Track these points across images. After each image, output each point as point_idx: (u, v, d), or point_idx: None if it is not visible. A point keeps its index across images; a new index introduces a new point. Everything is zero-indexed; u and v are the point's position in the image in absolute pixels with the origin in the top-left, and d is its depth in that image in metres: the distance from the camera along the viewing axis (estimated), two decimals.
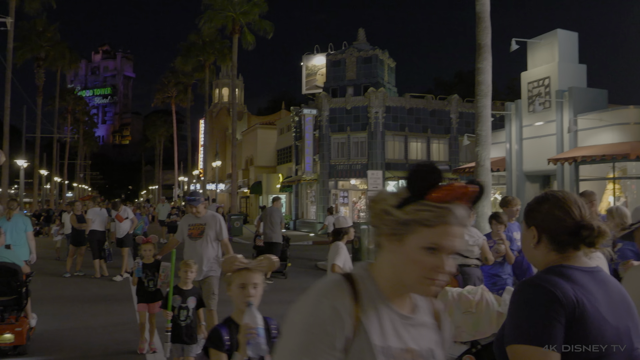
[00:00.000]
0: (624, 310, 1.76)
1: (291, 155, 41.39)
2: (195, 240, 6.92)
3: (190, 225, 7.01)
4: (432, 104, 32.43)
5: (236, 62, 34.37)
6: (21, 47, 41.53)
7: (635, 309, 1.81)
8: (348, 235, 6.51)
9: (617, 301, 1.77)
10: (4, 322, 6.64)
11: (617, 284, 1.84)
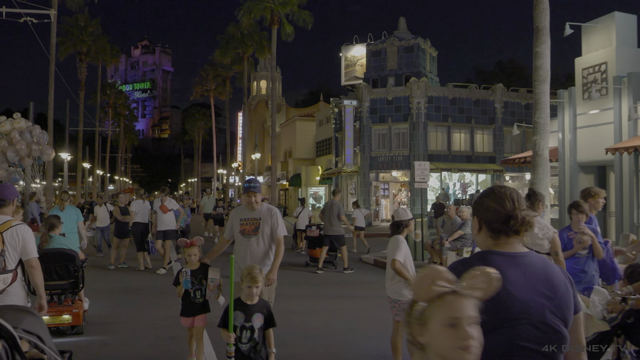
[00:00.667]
0: (542, 289, 2.05)
1: (331, 147, 41.00)
2: (249, 238, 5.80)
3: (243, 219, 5.87)
4: (476, 93, 31.55)
5: (275, 53, 34.05)
6: (64, 43, 42.15)
7: (561, 290, 2.09)
8: (408, 228, 6.07)
9: (535, 282, 2.05)
10: (62, 305, 7.28)
11: (543, 268, 2.11)
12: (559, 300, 2.09)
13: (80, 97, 43.11)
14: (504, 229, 2.13)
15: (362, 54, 40.54)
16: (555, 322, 2.05)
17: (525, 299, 2.01)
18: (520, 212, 2.13)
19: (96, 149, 53.94)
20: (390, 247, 5.90)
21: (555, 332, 2.05)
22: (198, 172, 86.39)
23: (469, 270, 1.69)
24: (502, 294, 1.92)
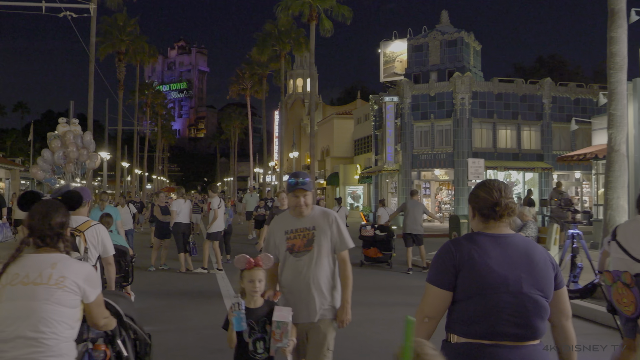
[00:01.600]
0: (520, 265, 2.47)
1: (370, 146, 40.19)
2: (300, 257, 4.00)
3: (290, 231, 4.08)
4: (522, 88, 30.31)
5: (314, 49, 33.40)
6: (103, 42, 42.31)
7: (540, 267, 2.49)
8: None
9: (514, 258, 2.49)
10: None
11: (524, 248, 2.52)
12: (538, 275, 2.47)
13: (119, 97, 43.26)
14: (491, 214, 2.56)
15: (402, 49, 39.57)
16: (532, 292, 2.43)
17: (503, 272, 2.42)
18: (505, 200, 2.55)
19: (134, 148, 54.20)
20: None
21: (532, 300, 2.43)
22: (234, 171, 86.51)
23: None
24: (482, 267, 2.44)
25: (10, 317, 2.50)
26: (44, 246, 2.73)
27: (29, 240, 2.75)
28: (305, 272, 3.96)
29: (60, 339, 2.51)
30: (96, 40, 40.25)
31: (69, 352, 2.56)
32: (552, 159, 30.13)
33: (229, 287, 10.95)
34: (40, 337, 2.47)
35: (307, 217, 4.05)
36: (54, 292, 2.58)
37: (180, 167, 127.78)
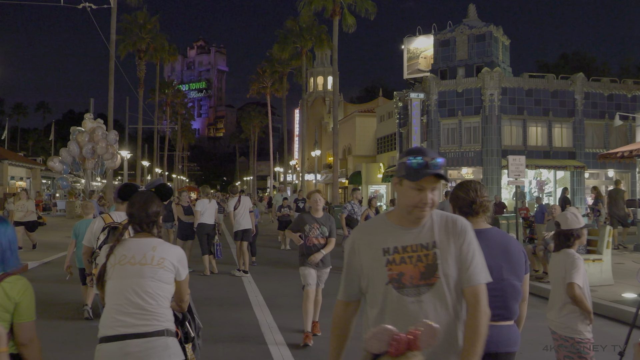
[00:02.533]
0: (499, 255, 2.87)
1: (393, 144, 39.35)
2: (419, 297, 2.35)
3: (394, 250, 2.41)
4: (554, 84, 29.24)
5: (337, 45, 32.69)
6: (123, 40, 42.07)
7: (515, 256, 2.94)
8: (580, 239, 4.51)
9: (494, 250, 2.87)
10: None
11: (501, 240, 2.97)
12: (514, 263, 2.95)
13: (140, 95, 42.96)
14: (469, 211, 2.98)
15: (426, 45, 38.67)
16: (511, 279, 2.93)
17: (487, 263, 2.54)
18: (480, 199, 2.99)
19: (155, 147, 54.00)
20: (561, 265, 4.35)
21: (511, 285, 2.93)
22: (254, 171, 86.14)
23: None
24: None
25: (122, 292, 2.98)
26: (141, 232, 3.18)
27: (129, 226, 3.23)
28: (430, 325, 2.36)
29: (163, 308, 3.03)
30: (116, 38, 39.98)
31: (170, 317, 3.09)
32: (585, 157, 29.05)
33: (258, 293, 10.25)
34: (148, 307, 2.96)
35: (425, 227, 2.43)
36: (157, 271, 3.06)
37: (200, 167, 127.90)
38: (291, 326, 7.81)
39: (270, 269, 13.48)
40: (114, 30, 30.12)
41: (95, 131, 13.10)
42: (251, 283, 11.30)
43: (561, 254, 4.42)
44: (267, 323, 8.00)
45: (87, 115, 13.55)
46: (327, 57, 62.47)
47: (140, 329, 2.95)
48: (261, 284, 11.17)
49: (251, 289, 10.68)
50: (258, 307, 9.02)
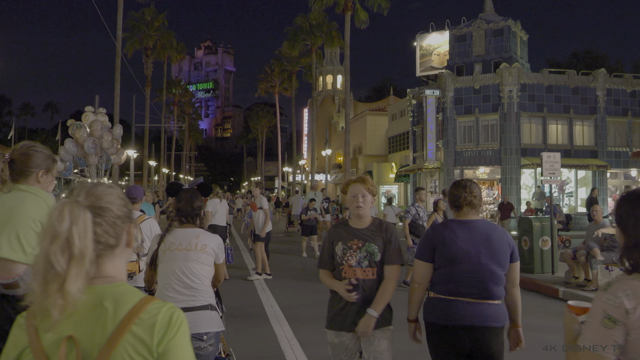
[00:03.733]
0: (480, 242, 3.28)
1: (406, 142, 38.39)
2: None
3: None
4: (575, 80, 28.16)
5: (349, 42, 31.77)
6: (130, 38, 41.27)
7: (497, 245, 3.31)
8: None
9: (476, 238, 3.30)
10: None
11: (485, 230, 3.35)
12: (494, 250, 3.29)
13: (147, 93, 42.13)
14: (458, 206, 3.43)
15: (439, 42, 37.70)
16: (489, 264, 3.27)
17: (466, 248, 3.28)
18: (467, 195, 3.39)
19: (162, 146, 53.17)
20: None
21: (488, 270, 3.27)
22: (261, 171, 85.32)
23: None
24: (452, 245, 3.32)
25: (172, 273, 3.51)
26: (186, 222, 3.71)
27: (177, 217, 3.73)
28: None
29: (206, 286, 3.56)
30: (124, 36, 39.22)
31: (212, 294, 3.62)
32: (607, 155, 27.97)
33: (273, 303, 9.34)
34: (194, 285, 3.50)
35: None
36: (200, 255, 3.63)
37: (207, 167, 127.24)
38: (314, 341, 6.91)
39: (284, 275, 12.56)
40: (120, 26, 29.37)
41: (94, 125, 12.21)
42: (265, 291, 10.40)
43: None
44: (287, 339, 7.10)
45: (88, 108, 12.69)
46: (337, 56, 61.57)
47: (188, 303, 3.44)
48: (276, 292, 10.26)
49: (266, 297, 9.77)
50: (275, 320, 8.12)
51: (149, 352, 1.35)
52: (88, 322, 1.36)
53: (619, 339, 1.83)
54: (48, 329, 1.35)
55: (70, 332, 1.35)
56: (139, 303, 1.39)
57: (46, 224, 1.37)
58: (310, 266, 13.94)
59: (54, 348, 1.35)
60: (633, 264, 1.90)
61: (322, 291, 10.69)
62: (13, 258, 2.37)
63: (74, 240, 1.35)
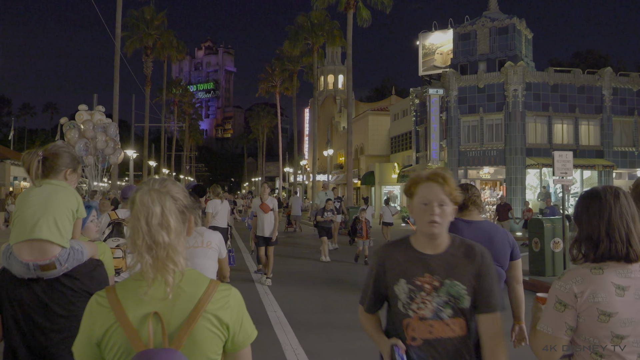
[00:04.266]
0: (483, 242, 2.83)
1: (408, 142, 37.99)
2: None
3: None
4: (580, 79, 27.75)
5: (351, 40, 31.36)
6: (130, 37, 40.86)
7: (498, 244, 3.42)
8: None
9: (480, 237, 3.15)
10: None
11: (488, 230, 3.49)
12: (495, 249, 3.26)
13: (146, 93, 41.72)
14: (464, 205, 3.54)
15: (442, 41, 37.26)
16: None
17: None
18: (471, 197, 3.59)
19: (162, 146, 52.74)
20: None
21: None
22: (262, 171, 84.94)
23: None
24: None
25: None
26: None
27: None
28: None
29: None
30: (123, 35, 38.82)
31: None
32: (613, 155, 27.57)
33: (277, 308, 8.93)
34: None
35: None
36: (207, 252, 4.00)
37: (208, 167, 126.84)
38: (320, 351, 6.52)
39: (287, 278, 12.16)
40: (119, 24, 29.00)
41: (86, 124, 11.78)
42: (268, 295, 9.99)
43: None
44: (292, 348, 6.70)
45: (82, 107, 12.25)
46: (338, 55, 61.16)
47: None
48: (279, 296, 9.85)
49: (269, 302, 9.36)
50: (279, 326, 7.71)
51: (223, 326, 1.63)
52: (169, 301, 1.58)
53: (570, 321, 2.08)
54: (145, 305, 1.57)
55: (156, 309, 1.57)
56: (211, 285, 1.66)
57: (137, 207, 1.61)
58: (315, 269, 13.54)
59: (141, 323, 1.55)
60: (584, 254, 2.16)
61: (327, 296, 10.30)
62: (52, 239, 2.59)
63: (168, 218, 1.61)
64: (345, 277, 12.33)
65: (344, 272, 13.10)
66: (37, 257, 2.56)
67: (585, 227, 2.17)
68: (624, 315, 2.02)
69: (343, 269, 13.65)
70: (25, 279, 2.62)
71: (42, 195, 2.70)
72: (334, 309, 8.93)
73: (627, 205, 2.15)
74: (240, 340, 1.69)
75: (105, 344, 1.57)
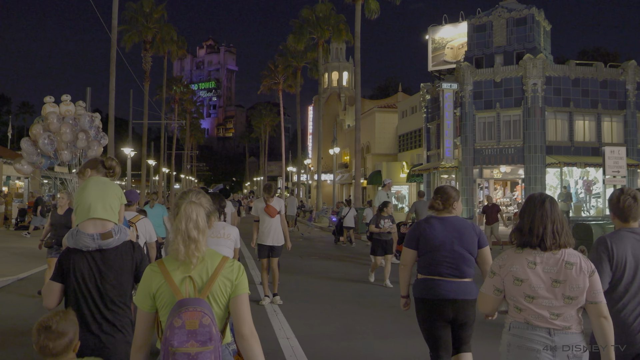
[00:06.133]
0: (453, 233, 4.16)
1: (417, 140, 36.51)
2: None
3: None
4: (603, 72, 26.21)
5: (359, 33, 29.82)
6: (128, 30, 39.33)
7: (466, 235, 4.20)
8: None
9: (450, 230, 4.19)
10: None
11: (457, 224, 4.24)
12: (464, 239, 4.16)
13: (145, 89, 40.17)
14: (435, 207, 4.35)
15: (453, 35, 35.73)
16: (460, 250, 4.15)
17: (442, 238, 4.18)
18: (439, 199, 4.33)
19: (162, 144, 51.13)
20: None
21: (460, 255, 4.15)
22: (264, 171, 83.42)
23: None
24: (430, 236, 4.21)
25: None
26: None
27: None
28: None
29: None
30: (121, 29, 37.31)
31: None
32: (638, 153, 26.02)
33: (289, 332, 7.42)
34: None
35: None
36: (227, 242, 5.16)
37: (209, 167, 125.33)
38: None
39: (296, 290, 10.64)
40: (115, 15, 27.47)
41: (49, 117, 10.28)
42: (277, 315, 8.45)
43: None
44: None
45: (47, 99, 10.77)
46: (342, 52, 59.61)
47: None
48: (291, 316, 8.31)
49: (279, 324, 7.81)
50: (294, 358, 6.20)
51: (231, 283, 2.50)
52: (198, 269, 2.48)
53: (497, 284, 3.03)
54: (182, 272, 2.46)
55: (189, 274, 2.46)
56: (222, 259, 2.55)
57: (181, 213, 2.50)
58: (325, 278, 12.01)
59: (181, 282, 2.45)
60: (516, 241, 3.01)
61: (346, 314, 8.79)
62: (107, 217, 3.40)
63: (199, 221, 2.50)
64: (363, 288, 10.80)
65: (358, 280, 11.59)
66: (99, 229, 3.31)
67: (523, 221, 3.03)
68: (533, 282, 2.89)
69: (357, 277, 12.13)
70: (90, 250, 3.29)
71: (98, 187, 3.48)
72: (358, 333, 7.42)
73: (549, 211, 2.98)
74: (239, 289, 2.52)
75: (158, 296, 2.46)
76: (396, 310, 8.06)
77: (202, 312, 2.30)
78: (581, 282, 2.84)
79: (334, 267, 14.22)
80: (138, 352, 2.48)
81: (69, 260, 3.26)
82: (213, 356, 2.29)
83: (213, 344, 2.29)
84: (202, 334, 2.27)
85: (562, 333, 2.85)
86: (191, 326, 2.27)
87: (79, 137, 10.38)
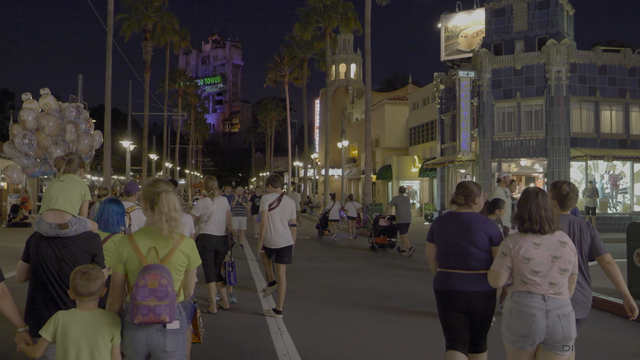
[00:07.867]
0: (462, 229, 4.28)
1: (430, 133, 34.92)
2: None
3: None
4: (632, 59, 24.50)
5: (369, 18, 28.24)
6: (127, 19, 37.82)
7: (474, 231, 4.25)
8: None
9: (460, 225, 4.31)
10: None
11: (467, 220, 4.34)
12: (472, 235, 4.22)
13: (146, 80, 38.67)
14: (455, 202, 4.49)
15: (467, 23, 34.15)
16: (465, 245, 4.23)
17: (448, 232, 4.36)
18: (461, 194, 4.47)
19: (164, 138, 49.64)
20: None
21: (464, 248, 4.23)
22: (270, 166, 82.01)
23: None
24: (441, 231, 4.43)
25: None
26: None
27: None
28: None
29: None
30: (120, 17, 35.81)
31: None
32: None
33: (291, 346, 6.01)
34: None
35: None
36: (185, 224, 4.22)
37: (215, 162, 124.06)
38: None
39: (304, 298, 9.13)
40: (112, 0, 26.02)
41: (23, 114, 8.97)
42: (282, 333, 6.92)
43: None
44: None
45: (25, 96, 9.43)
46: (350, 44, 57.99)
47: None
48: (298, 335, 6.78)
49: (283, 347, 6.27)
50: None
51: (185, 255, 3.22)
52: (161, 242, 3.17)
53: (508, 264, 3.66)
54: (148, 244, 3.17)
55: (154, 245, 3.16)
56: (181, 237, 3.24)
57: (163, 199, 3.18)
58: (336, 282, 10.49)
59: (147, 252, 3.13)
60: (518, 226, 3.69)
61: (367, 329, 7.32)
62: (66, 209, 3.76)
63: (177, 206, 3.20)
64: (384, 294, 9.26)
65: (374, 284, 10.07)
66: (57, 220, 3.70)
67: (519, 211, 3.70)
68: (537, 259, 3.56)
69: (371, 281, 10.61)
70: (49, 236, 3.69)
71: (64, 184, 3.94)
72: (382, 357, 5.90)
73: (542, 201, 3.67)
74: (192, 263, 3.28)
75: (127, 262, 3.13)
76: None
77: (161, 275, 3.01)
78: (572, 256, 3.63)
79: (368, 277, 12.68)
80: (115, 303, 3.18)
81: (33, 243, 3.73)
82: (168, 309, 3.00)
83: (168, 299, 2.99)
84: (160, 292, 2.98)
85: (554, 298, 3.56)
86: (152, 285, 2.97)
87: (67, 130, 9.05)
